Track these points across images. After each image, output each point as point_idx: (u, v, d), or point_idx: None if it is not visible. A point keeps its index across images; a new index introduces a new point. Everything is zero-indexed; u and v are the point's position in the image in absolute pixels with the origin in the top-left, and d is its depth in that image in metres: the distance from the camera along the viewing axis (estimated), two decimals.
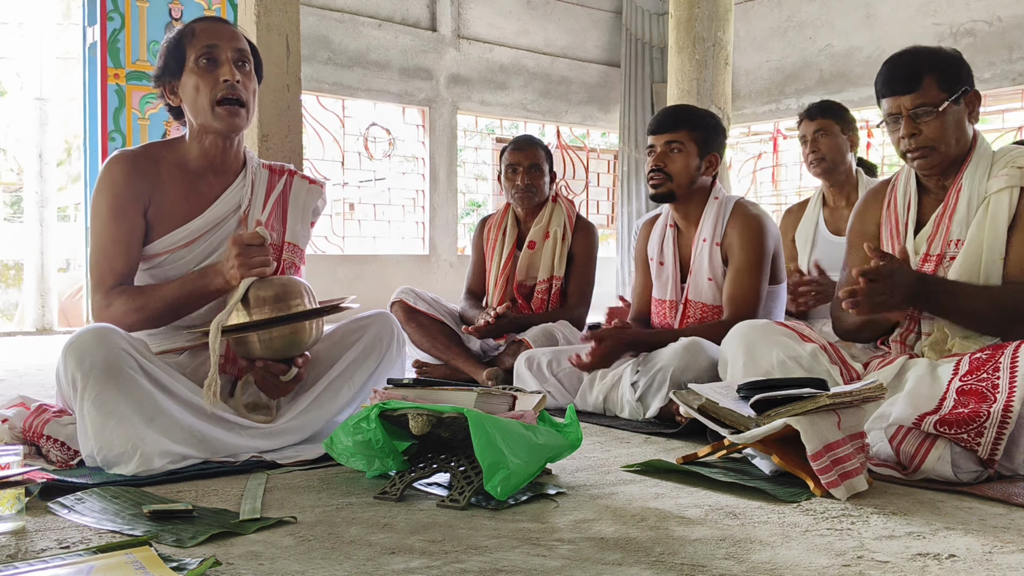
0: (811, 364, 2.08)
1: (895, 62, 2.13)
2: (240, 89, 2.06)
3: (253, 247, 1.95)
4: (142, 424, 1.81)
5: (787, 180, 8.45)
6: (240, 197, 2.17)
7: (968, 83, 2.10)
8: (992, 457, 1.73)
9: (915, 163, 2.14)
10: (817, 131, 3.23)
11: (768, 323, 2.22)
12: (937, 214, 2.15)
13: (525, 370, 2.84)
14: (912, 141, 2.09)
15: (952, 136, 2.08)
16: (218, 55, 2.05)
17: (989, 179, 2.09)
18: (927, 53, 2.11)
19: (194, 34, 2.08)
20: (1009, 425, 1.72)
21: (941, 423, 1.74)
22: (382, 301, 3.54)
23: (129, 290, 2.05)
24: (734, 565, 1.29)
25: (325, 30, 7.12)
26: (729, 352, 2.21)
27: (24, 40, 7.64)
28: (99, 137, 5.57)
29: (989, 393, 1.77)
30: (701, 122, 2.77)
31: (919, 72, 2.07)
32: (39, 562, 1.25)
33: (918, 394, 1.87)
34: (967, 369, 1.88)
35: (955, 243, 2.10)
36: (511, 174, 3.52)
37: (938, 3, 6.71)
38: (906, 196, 2.23)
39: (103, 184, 2.08)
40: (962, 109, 2.09)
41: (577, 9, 8.66)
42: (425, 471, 1.73)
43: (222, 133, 2.10)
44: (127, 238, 2.06)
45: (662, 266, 2.86)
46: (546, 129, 8.83)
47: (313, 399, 2.11)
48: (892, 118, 2.12)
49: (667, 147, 2.73)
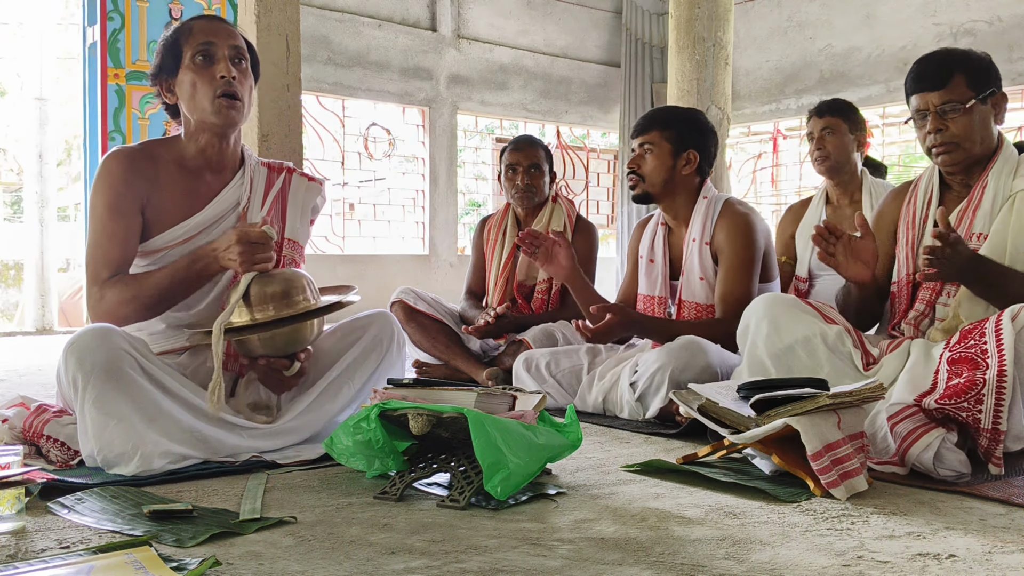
0: (835, 344, 2.11)
1: (926, 60, 2.19)
2: (236, 85, 2.07)
3: (258, 245, 1.96)
4: (142, 424, 1.81)
5: (787, 180, 8.44)
6: (239, 195, 2.18)
7: (996, 85, 2.16)
8: (996, 427, 1.73)
9: (939, 159, 2.18)
10: (824, 129, 3.22)
11: (794, 299, 2.25)
12: (960, 208, 2.20)
13: (523, 372, 2.85)
14: (938, 136, 2.14)
15: (978, 135, 2.13)
16: (214, 52, 2.06)
17: (1016, 178, 2.13)
18: (958, 53, 2.18)
19: (191, 32, 2.08)
20: (1007, 389, 1.73)
21: (940, 399, 1.75)
22: (382, 301, 3.54)
23: (121, 280, 2.04)
24: (734, 565, 1.29)
25: (325, 30, 7.11)
26: (752, 321, 2.20)
27: (24, 40, 7.65)
28: (99, 137, 5.57)
29: (980, 359, 1.80)
30: (674, 121, 2.78)
31: (949, 70, 2.13)
32: (39, 562, 1.25)
33: (916, 375, 1.92)
34: (956, 340, 1.90)
35: (978, 236, 2.14)
36: (511, 174, 3.52)
37: (938, 3, 6.71)
38: (927, 193, 2.28)
39: (100, 180, 2.08)
40: (988, 109, 2.15)
41: (577, 9, 8.66)
42: (425, 471, 1.73)
43: (218, 128, 2.10)
44: (123, 234, 2.06)
45: (652, 263, 2.87)
46: (546, 129, 8.83)
47: (313, 399, 2.11)
48: (920, 114, 2.17)
49: (641, 149, 2.77)
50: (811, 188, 7.85)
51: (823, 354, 2.09)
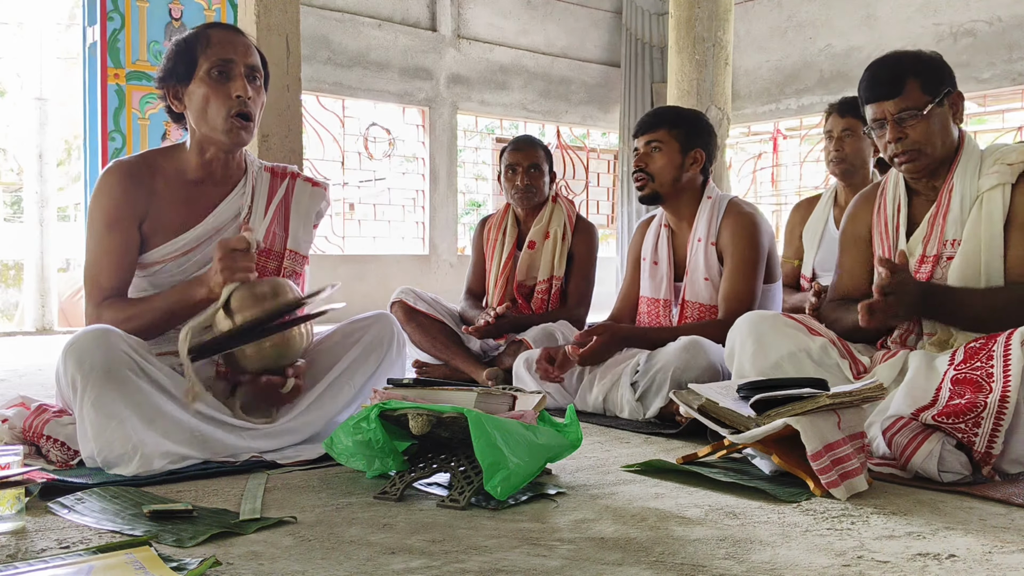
0: (821, 357, 2.09)
1: (877, 68, 2.14)
2: (251, 105, 2.05)
3: (238, 252, 1.93)
4: (142, 425, 1.81)
5: (787, 180, 8.45)
6: (239, 205, 2.16)
7: (951, 84, 2.12)
8: (989, 451, 1.73)
9: (903, 167, 2.15)
10: (845, 130, 3.16)
11: (777, 315, 2.23)
12: (930, 215, 2.16)
13: (524, 371, 2.84)
14: (898, 145, 2.10)
15: (938, 138, 2.09)
16: (231, 69, 2.03)
17: (980, 177, 2.09)
18: (908, 57, 2.12)
19: (208, 42, 2.04)
20: (1006, 415, 1.72)
21: (938, 416, 1.74)
22: (382, 301, 3.54)
23: (118, 302, 2.03)
24: (734, 565, 1.29)
25: (325, 30, 7.12)
26: (737, 341, 2.19)
27: (24, 40, 7.65)
28: (99, 137, 5.57)
29: (984, 382, 1.78)
30: (680, 120, 2.78)
31: (901, 76, 2.08)
32: (39, 562, 1.25)
33: (915, 386, 1.89)
34: (962, 358, 1.88)
35: (951, 243, 2.10)
36: (510, 175, 3.52)
37: (938, 3, 6.71)
38: (895, 200, 2.24)
39: (99, 195, 2.07)
40: (946, 111, 2.11)
41: (577, 9, 8.66)
42: (425, 471, 1.73)
43: (227, 147, 2.08)
44: (120, 250, 2.05)
45: (656, 265, 2.86)
46: (546, 129, 8.83)
47: (313, 399, 2.10)
48: (877, 123, 2.13)
49: (648, 147, 2.75)
50: (811, 188, 7.85)
51: (810, 368, 2.07)
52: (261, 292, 1.94)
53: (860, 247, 2.31)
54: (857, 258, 2.31)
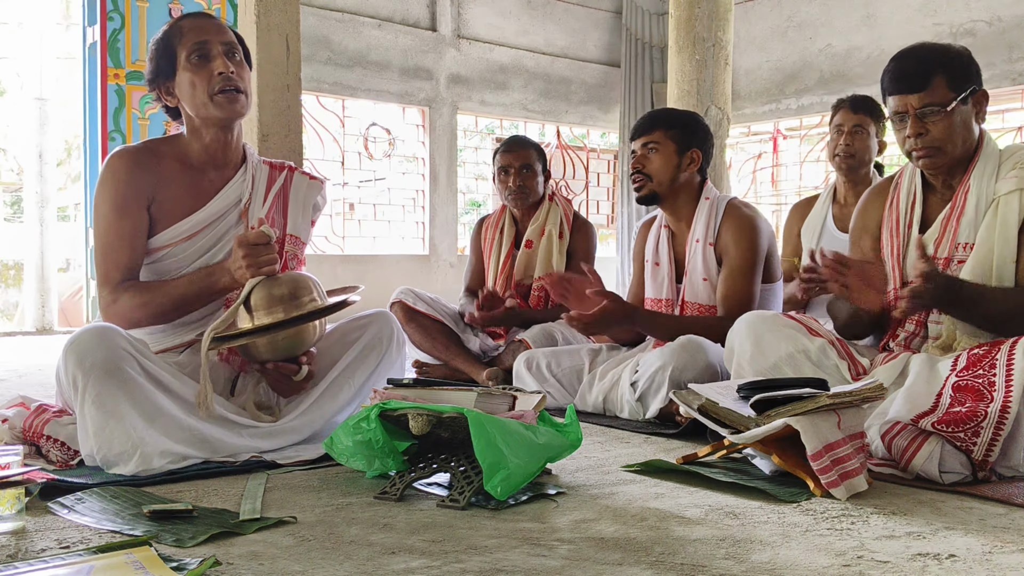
0: (819, 358, 2.08)
1: (904, 59, 2.09)
2: (236, 79, 2.08)
3: (260, 246, 1.96)
4: (142, 424, 1.81)
5: (787, 180, 8.44)
6: (241, 191, 2.19)
7: (976, 82, 2.07)
8: (986, 458, 1.73)
9: (920, 162, 2.11)
10: (856, 126, 3.16)
11: (777, 315, 2.21)
12: (944, 216, 2.13)
13: (524, 371, 2.85)
14: (918, 141, 2.06)
15: (959, 136, 2.05)
16: (209, 49, 2.07)
17: (997, 180, 2.06)
18: (937, 51, 2.07)
19: (182, 32, 2.09)
20: (1006, 425, 1.71)
21: (938, 423, 1.74)
22: (382, 301, 3.53)
23: (136, 286, 2.06)
24: (734, 565, 1.29)
25: (325, 30, 7.11)
26: (736, 342, 2.19)
27: (24, 40, 7.65)
28: (99, 137, 5.57)
29: (986, 391, 1.77)
30: (676, 121, 2.79)
31: (929, 71, 2.03)
32: (39, 562, 1.25)
33: (916, 391, 1.87)
34: (964, 365, 1.87)
35: (963, 246, 2.07)
36: (503, 176, 3.53)
37: (938, 3, 6.71)
38: (910, 195, 2.21)
39: (105, 180, 2.09)
40: (969, 109, 2.06)
41: (577, 9, 8.66)
42: (425, 471, 1.73)
43: (223, 122, 2.11)
44: (131, 233, 2.07)
45: (657, 267, 2.87)
46: (546, 129, 8.83)
47: (313, 399, 2.11)
48: (898, 116, 2.09)
49: (644, 149, 2.76)
50: (811, 188, 7.85)
51: (808, 369, 2.06)
52: (280, 293, 1.96)
53: (867, 241, 2.29)
54: (863, 252, 2.29)
